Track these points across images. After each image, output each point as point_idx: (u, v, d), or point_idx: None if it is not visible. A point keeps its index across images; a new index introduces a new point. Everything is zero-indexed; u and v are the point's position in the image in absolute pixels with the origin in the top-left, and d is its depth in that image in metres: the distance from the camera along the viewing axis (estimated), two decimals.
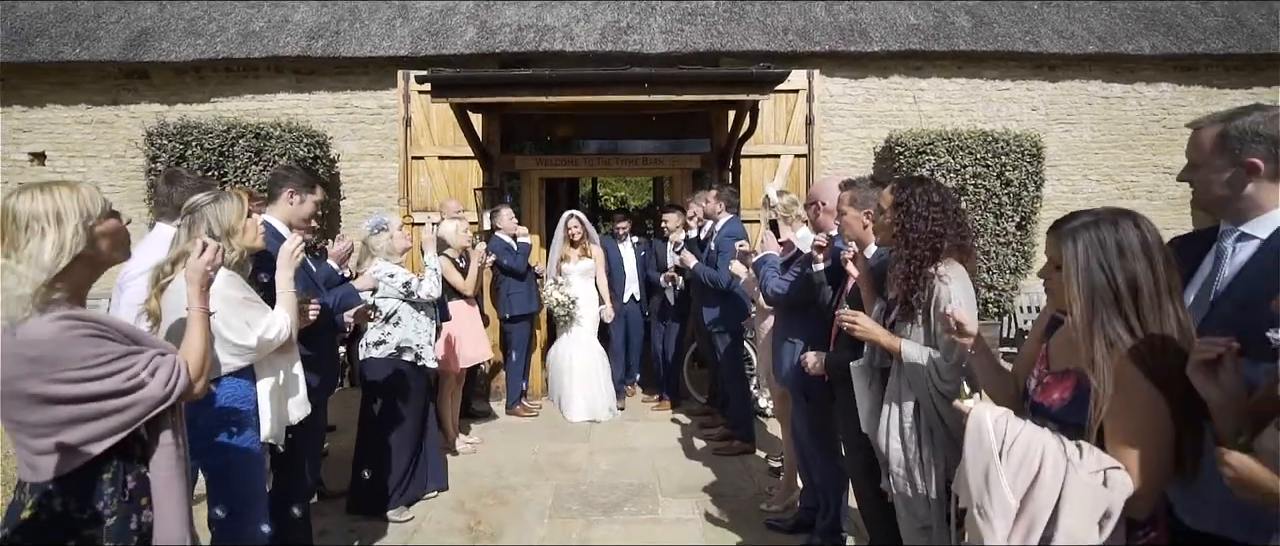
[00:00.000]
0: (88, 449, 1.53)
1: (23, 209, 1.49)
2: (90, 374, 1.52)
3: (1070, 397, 1.53)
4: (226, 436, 2.34)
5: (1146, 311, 1.44)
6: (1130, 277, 1.44)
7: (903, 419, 2.07)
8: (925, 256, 2.15)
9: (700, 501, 3.97)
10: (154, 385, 1.60)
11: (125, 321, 1.71)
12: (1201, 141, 1.66)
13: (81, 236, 1.52)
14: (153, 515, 1.64)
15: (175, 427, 1.72)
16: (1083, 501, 1.35)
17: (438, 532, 3.64)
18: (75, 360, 1.50)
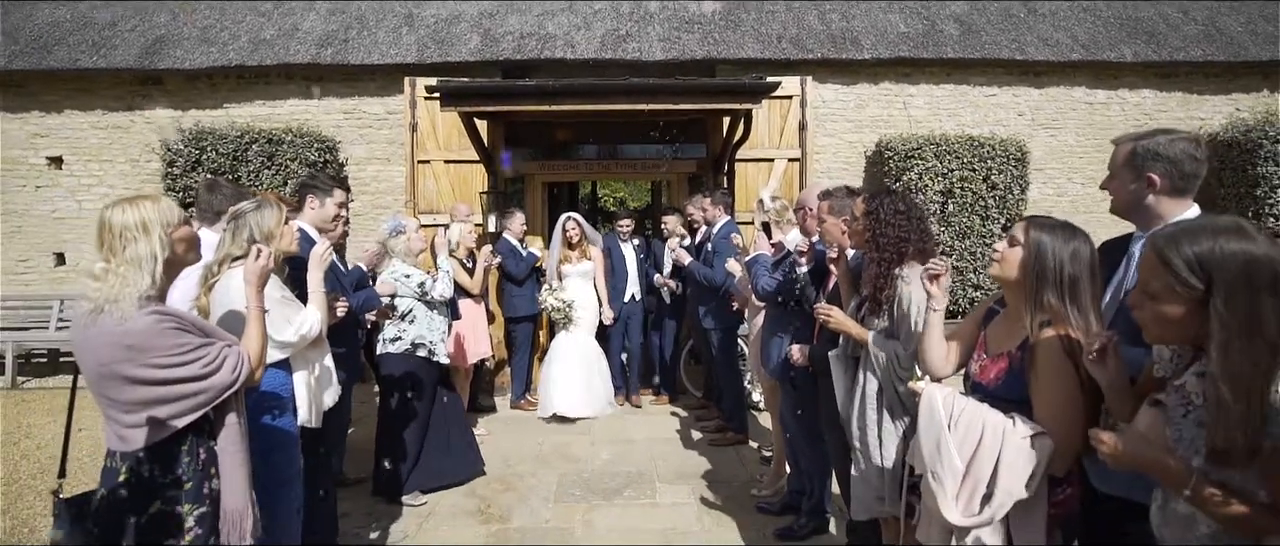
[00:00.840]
0: (172, 424, 1.80)
1: (117, 220, 1.75)
2: (174, 361, 1.78)
3: (1004, 376, 1.80)
4: (269, 419, 2.59)
5: (1075, 305, 1.72)
6: (1073, 277, 1.74)
7: (866, 399, 2.35)
8: (892, 259, 2.43)
9: (695, 487, 4.23)
10: (223, 372, 1.87)
11: (198, 316, 1.97)
12: (1116, 156, 1.95)
13: (165, 243, 1.79)
14: (221, 483, 1.91)
15: (238, 410, 1.99)
16: (1016, 462, 1.63)
17: (450, 515, 3.90)
18: (163, 349, 1.77)
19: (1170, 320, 1.34)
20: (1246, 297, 1.23)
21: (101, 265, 1.74)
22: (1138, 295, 1.43)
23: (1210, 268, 1.27)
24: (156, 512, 1.77)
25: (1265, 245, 1.28)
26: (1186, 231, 1.36)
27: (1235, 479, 1.25)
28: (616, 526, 3.75)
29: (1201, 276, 1.28)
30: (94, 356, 1.75)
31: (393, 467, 4.09)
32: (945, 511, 1.66)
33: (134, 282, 1.71)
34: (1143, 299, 1.40)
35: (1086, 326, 1.69)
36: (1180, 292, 1.30)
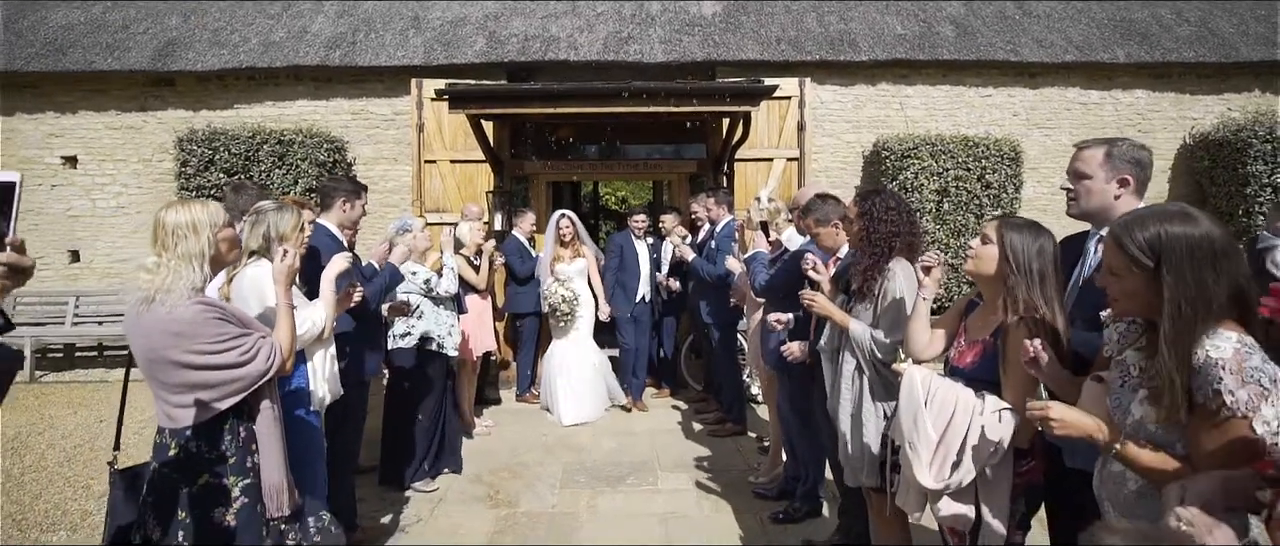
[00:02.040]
0: (215, 405, 1.98)
1: (170, 220, 1.92)
2: (216, 348, 1.96)
3: (979, 360, 1.98)
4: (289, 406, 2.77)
5: (1041, 295, 1.89)
6: (1040, 271, 1.91)
7: (844, 380, 2.52)
8: (885, 252, 2.60)
9: (695, 475, 4.41)
10: (258, 361, 2.05)
11: (238, 309, 2.14)
12: (1091, 157, 2.12)
13: (212, 242, 1.96)
14: (260, 458, 2.08)
15: (272, 396, 2.17)
16: (983, 435, 1.80)
17: (460, 500, 4.08)
18: (206, 336, 1.94)
19: (1132, 295, 1.50)
20: (1191, 271, 1.39)
21: (153, 259, 1.92)
22: (1105, 276, 1.59)
23: (1159, 248, 1.43)
24: (205, 484, 1.95)
25: (1206, 226, 1.45)
26: (1137, 219, 1.52)
27: (1159, 435, 1.42)
28: (620, 510, 3.92)
29: (1151, 256, 1.44)
30: (146, 341, 1.93)
31: (401, 455, 4.27)
32: (919, 476, 1.83)
33: (184, 276, 1.89)
34: (1109, 279, 1.57)
35: (1052, 314, 1.86)
36: (1136, 272, 1.47)
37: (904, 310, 2.41)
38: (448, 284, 4.38)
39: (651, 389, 6.37)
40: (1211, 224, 1.47)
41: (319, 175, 7.38)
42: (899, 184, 7.72)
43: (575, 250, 5.87)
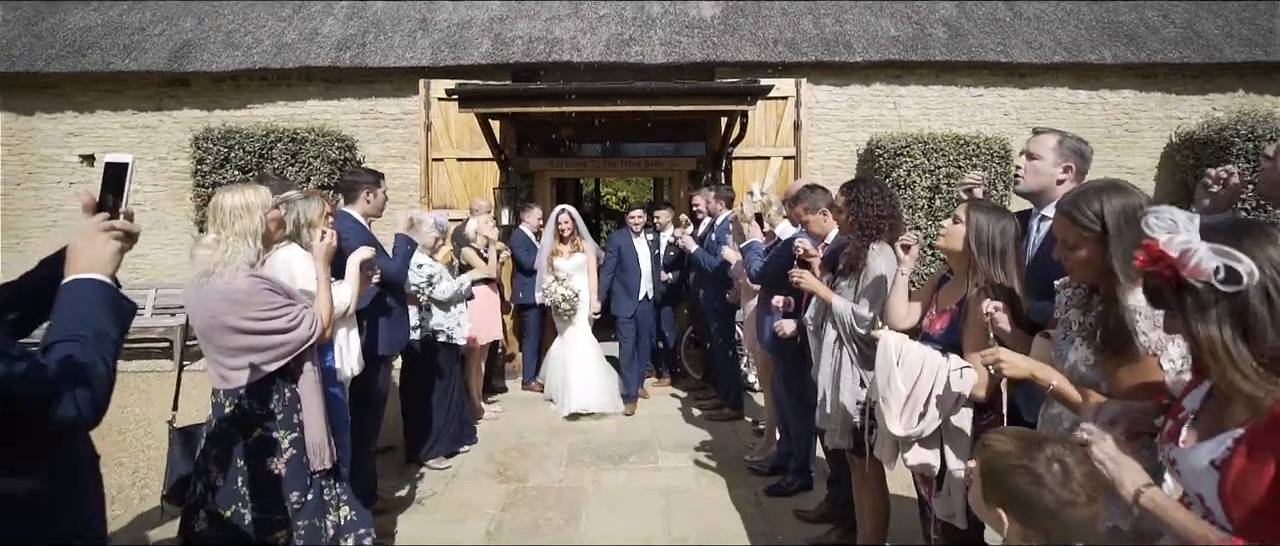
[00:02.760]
0: (264, 368, 2.22)
1: (227, 203, 2.17)
2: (266, 315, 2.20)
3: (946, 327, 2.22)
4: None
5: (1002, 267, 2.13)
6: (1002, 247, 2.15)
7: (827, 348, 2.77)
8: (871, 234, 2.84)
9: (694, 455, 4.65)
10: (302, 329, 2.29)
11: (284, 282, 2.38)
12: (1045, 141, 2.37)
13: (263, 221, 2.21)
14: (304, 417, 2.33)
15: (314, 361, 2.41)
16: (946, 389, 2.04)
17: (473, 476, 4.33)
18: (258, 304, 2.19)
19: (1085, 261, 1.72)
20: (1131, 231, 1.62)
21: (212, 236, 2.16)
22: (1061, 250, 1.82)
23: (1103, 215, 1.66)
24: (258, 437, 2.19)
25: (1135, 195, 1.68)
26: (1082, 194, 1.76)
27: (1089, 377, 1.66)
28: (622, 485, 4.17)
29: (1099, 223, 1.67)
30: (206, 309, 2.17)
31: (419, 436, 4.51)
32: (891, 425, 2.08)
33: (241, 251, 2.13)
34: (1065, 252, 1.80)
35: (1013, 286, 2.10)
36: (1086, 237, 1.70)
37: (884, 287, 2.65)
38: (443, 290, 4.55)
39: (651, 378, 6.60)
40: (1138, 193, 1.71)
41: (331, 173, 7.63)
42: (892, 181, 7.95)
43: (575, 245, 5.91)
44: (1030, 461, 1.23)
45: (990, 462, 1.31)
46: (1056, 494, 1.20)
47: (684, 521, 3.66)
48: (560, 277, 5.76)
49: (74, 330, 1.16)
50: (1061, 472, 1.21)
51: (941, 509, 2.12)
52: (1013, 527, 1.27)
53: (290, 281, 2.72)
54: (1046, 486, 1.20)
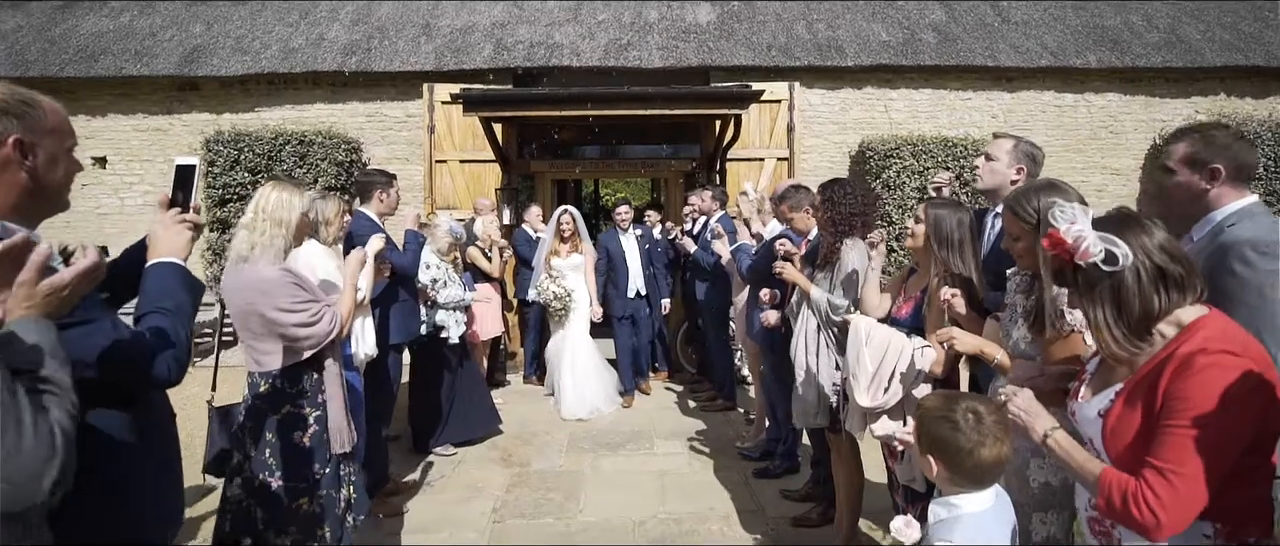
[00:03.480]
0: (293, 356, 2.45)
1: (271, 198, 2.40)
2: (291, 307, 2.43)
3: (912, 312, 2.46)
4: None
5: (959, 257, 2.37)
6: (960, 240, 2.39)
7: (807, 335, 3.01)
8: (845, 230, 3.08)
9: (688, 442, 4.89)
10: (323, 324, 2.51)
11: (309, 279, 2.61)
12: (1002, 145, 2.61)
13: (298, 220, 2.44)
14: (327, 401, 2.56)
15: (335, 355, 2.64)
16: (908, 366, 2.28)
17: (478, 462, 4.56)
18: (284, 295, 2.41)
19: (1025, 251, 1.95)
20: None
21: (250, 217, 2.40)
22: (1008, 241, 2.06)
23: (1038, 210, 1.89)
24: (288, 413, 2.43)
25: (1072, 193, 1.92)
26: (1023, 192, 1.99)
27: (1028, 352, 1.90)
28: (620, 469, 4.41)
29: (1034, 216, 1.91)
30: (241, 297, 2.40)
31: (426, 425, 4.75)
32: (859, 398, 2.32)
33: (274, 241, 2.37)
34: (1011, 242, 2.03)
35: (970, 274, 2.35)
36: (1026, 229, 1.93)
37: (856, 278, 2.89)
38: (447, 295, 4.77)
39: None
40: (1072, 192, 1.95)
41: (338, 174, 7.86)
42: (882, 182, 8.21)
43: (574, 245, 5.94)
44: (949, 411, 1.47)
45: (922, 417, 1.55)
46: (969, 436, 1.43)
47: (677, 500, 3.90)
48: (553, 276, 5.79)
49: (159, 304, 1.40)
50: (974, 419, 1.45)
51: (903, 474, 2.36)
52: (941, 473, 1.50)
53: (311, 273, 2.96)
54: (961, 430, 1.44)
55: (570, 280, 5.82)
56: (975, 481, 1.49)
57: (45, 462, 0.95)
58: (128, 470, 1.39)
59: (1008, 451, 1.45)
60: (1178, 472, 1.24)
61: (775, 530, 3.52)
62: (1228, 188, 1.87)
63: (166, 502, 1.55)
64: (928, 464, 1.53)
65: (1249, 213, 1.85)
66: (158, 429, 1.50)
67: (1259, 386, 1.22)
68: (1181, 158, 1.91)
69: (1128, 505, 1.28)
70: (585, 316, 5.91)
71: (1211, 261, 1.79)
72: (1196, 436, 1.24)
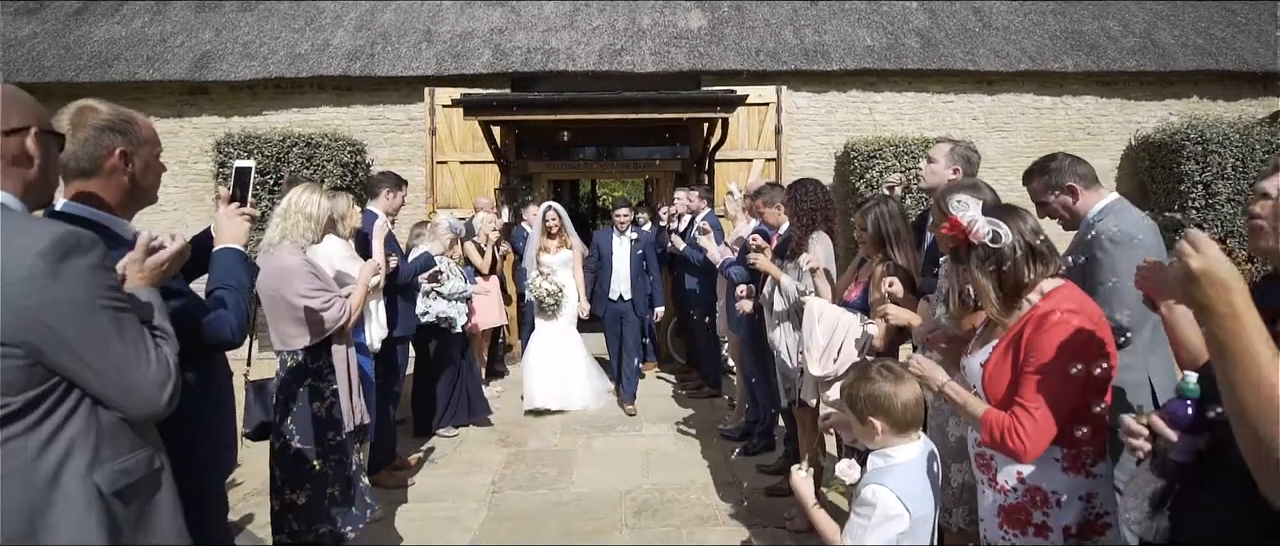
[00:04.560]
0: (317, 335, 2.79)
1: (300, 199, 2.74)
2: (306, 293, 2.77)
3: (860, 295, 2.81)
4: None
5: (897, 248, 2.72)
6: (895, 231, 2.74)
7: (777, 316, 3.36)
8: (807, 225, 3.42)
9: (674, 425, 5.23)
10: (333, 312, 2.85)
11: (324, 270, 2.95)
12: (940, 148, 2.96)
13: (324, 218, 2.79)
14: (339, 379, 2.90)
15: (347, 342, 2.98)
16: (853, 342, 2.62)
17: (478, 443, 4.91)
18: (301, 281, 2.76)
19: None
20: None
21: (283, 208, 2.74)
22: (936, 231, 2.40)
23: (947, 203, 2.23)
24: (311, 384, 2.77)
25: (988, 193, 2.25)
26: (948, 189, 2.33)
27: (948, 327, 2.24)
28: (610, 448, 4.76)
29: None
30: (269, 282, 2.74)
31: (429, 410, 5.09)
32: (812, 368, 2.67)
33: (300, 232, 2.71)
34: (939, 233, 2.37)
35: (905, 260, 2.69)
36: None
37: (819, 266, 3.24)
38: (453, 287, 5.11)
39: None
40: (988, 191, 2.29)
41: (343, 175, 8.19)
42: (866, 182, 8.54)
43: (562, 241, 5.96)
44: (866, 373, 1.80)
45: (849, 392, 1.85)
46: (889, 382, 1.75)
47: (661, 474, 4.24)
48: (545, 272, 5.83)
49: (226, 282, 1.74)
50: (887, 370, 1.78)
51: (849, 437, 2.70)
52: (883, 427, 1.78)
53: (328, 265, 3.30)
54: (879, 381, 1.76)
55: (560, 276, 5.86)
56: (908, 425, 1.78)
57: (164, 383, 1.29)
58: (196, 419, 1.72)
59: (919, 389, 1.77)
60: (1035, 409, 1.58)
61: (749, 499, 3.86)
62: (1087, 194, 2.24)
63: (224, 450, 1.89)
64: (870, 429, 1.81)
65: (1111, 209, 2.21)
66: (220, 385, 1.83)
67: (1089, 339, 1.56)
68: (1041, 190, 2.29)
69: (1004, 438, 1.61)
70: (573, 312, 5.94)
71: (1084, 249, 2.15)
72: (1045, 379, 1.58)
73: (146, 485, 1.33)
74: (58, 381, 1.19)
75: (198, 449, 1.67)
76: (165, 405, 1.30)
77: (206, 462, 1.73)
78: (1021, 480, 1.68)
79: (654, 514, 3.72)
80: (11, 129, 1.27)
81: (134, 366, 1.24)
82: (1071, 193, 2.30)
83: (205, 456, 1.72)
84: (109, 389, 1.23)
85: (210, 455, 1.76)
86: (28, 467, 1.15)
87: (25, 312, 1.13)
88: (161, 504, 1.37)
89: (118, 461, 1.26)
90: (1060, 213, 2.34)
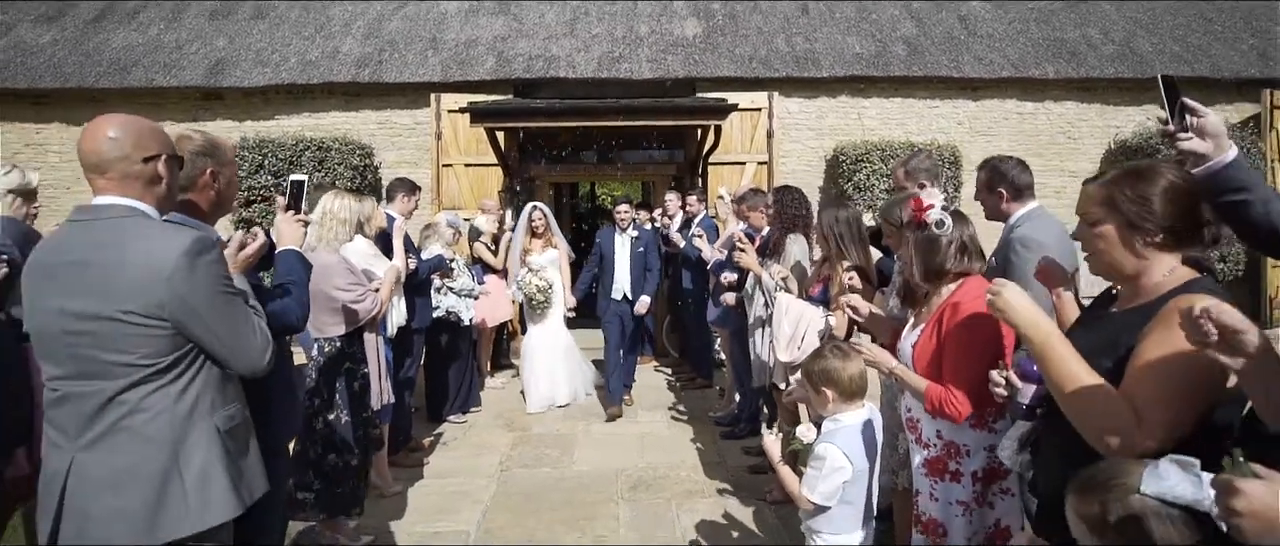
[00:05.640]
0: (351, 324, 3.17)
1: (333, 204, 3.13)
2: (342, 286, 3.15)
3: (821, 290, 3.19)
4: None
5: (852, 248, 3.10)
6: (844, 232, 3.12)
7: (757, 309, 3.75)
8: (789, 227, 3.81)
9: (668, 413, 5.62)
10: (366, 304, 3.24)
11: (357, 267, 3.33)
12: (901, 169, 3.33)
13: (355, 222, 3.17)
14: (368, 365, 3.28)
15: (376, 329, 3.36)
16: (815, 331, 3.00)
17: (485, 427, 5.30)
18: (339, 276, 3.14)
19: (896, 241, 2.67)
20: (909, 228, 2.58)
21: (318, 215, 3.12)
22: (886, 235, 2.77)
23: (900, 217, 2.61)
24: (347, 367, 3.15)
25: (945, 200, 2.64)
26: (890, 202, 2.72)
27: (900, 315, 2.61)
28: (607, 432, 5.16)
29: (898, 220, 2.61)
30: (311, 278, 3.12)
31: (440, 396, 5.47)
32: (780, 354, 3.05)
33: (336, 234, 3.09)
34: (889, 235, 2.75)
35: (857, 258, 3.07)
36: (892, 230, 2.64)
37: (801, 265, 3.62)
38: (463, 283, 5.49)
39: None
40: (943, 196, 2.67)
41: (353, 177, 8.57)
42: (853, 184, 8.92)
43: (547, 241, 5.97)
44: (820, 354, 2.19)
45: (805, 371, 2.25)
46: (837, 359, 2.13)
47: (654, 454, 4.63)
48: (534, 269, 5.84)
49: (288, 277, 2.11)
50: (837, 350, 2.16)
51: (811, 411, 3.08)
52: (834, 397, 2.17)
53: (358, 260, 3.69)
54: (827, 358, 2.15)
55: (548, 274, 5.87)
56: (853, 394, 2.17)
57: (264, 348, 1.67)
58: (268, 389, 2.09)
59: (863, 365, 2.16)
60: (958, 380, 1.96)
61: (734, 476, 4.24)
62: (1014, 202, 2.62)
63: (290, 416, 2.27)
64: (822, 398, 2.21)
65: (1029, 216, 2.59)
66: (286, 362, 2.21)
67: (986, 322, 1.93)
68: (982, 183, 2.66)
69: (942, 406, 1.99)
70: (561, 311, 5.97)
71: (1003, 250, 2.53)
72: (960, 356, 1.96)
73: (243, 430, 1.72)
74: (190, 347, 1.58)
75: (271, 412, 2.04)
76: (265, 365, 1.68)
77: (277, 424, 2.11)
78: (940, 437, 2.06)
79: (647, 488, 4.10)
80: (149, 156, 1.65)
81: (244, 335, 1.63)
82: (1000, 196, 2.68)
83: (276, 418, 2.09)
84: (227, 352, 1.62)
85: (279, 418, 2.13)
86: (172, 407, 1.54)
87: (174, 296, 1.51)
88: (251, 447, 1.76)
89: (227, 408, 1.66)
90: (989, 206, 2.73)
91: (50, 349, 1.54)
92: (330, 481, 3.06)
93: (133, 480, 1.50)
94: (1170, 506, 0.95)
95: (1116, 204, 1.41)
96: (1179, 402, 1.18)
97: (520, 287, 5.81)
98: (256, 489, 1.72)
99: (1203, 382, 1.17)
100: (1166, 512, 0.95)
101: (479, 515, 3.78)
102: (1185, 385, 1.18)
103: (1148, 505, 0.96)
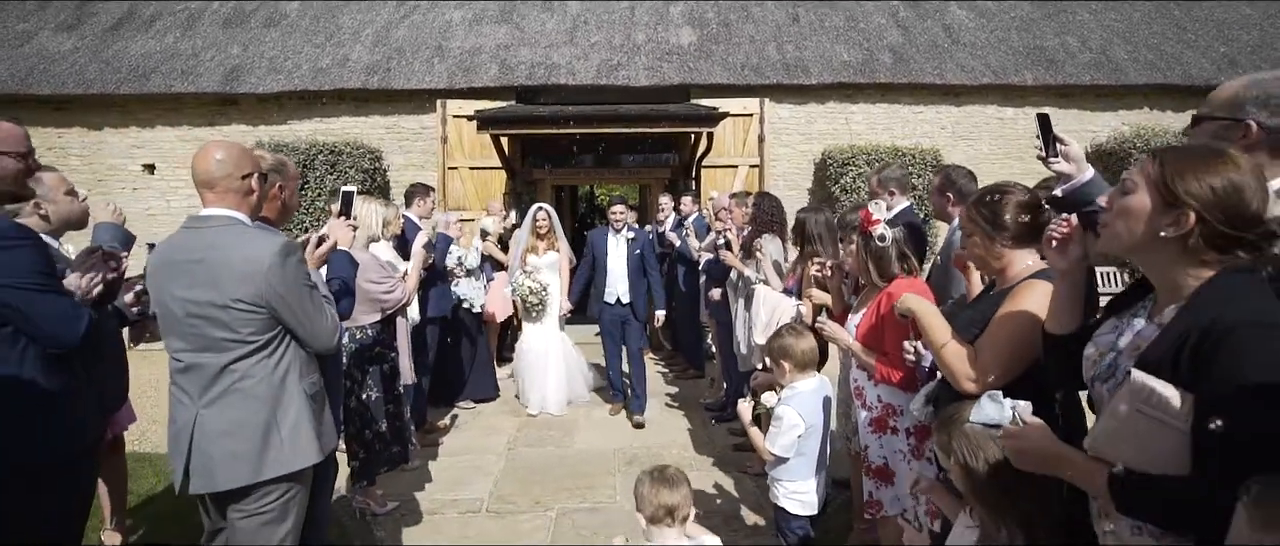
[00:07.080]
0: (375, 315, 3.61)
1: (367, 209, 3.56)
2: (377, 279, 3.59)
3: (795, 283, 3.63)
4: None
5: (822, 246, 3.54)
6: (819, 232, 3.56)
7: (738, 302, 4.19)
8: (763, 229, 4.25)
9: (661, 400, 6.05)
10: (397, 294, 3.67)
11: (386, 260, 3.77)
12: (875, 177, 3.77)
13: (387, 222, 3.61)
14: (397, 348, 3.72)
15: (406, 316, 3.80)
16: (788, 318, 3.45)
17: (493, 413, 5.73)
18: (373, 271, 3.57)
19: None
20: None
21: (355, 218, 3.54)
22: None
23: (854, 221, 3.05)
24: (377, 352, 3.59)
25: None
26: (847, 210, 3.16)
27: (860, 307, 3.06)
28: (605, 417, 5.60)
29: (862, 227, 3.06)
30: None
31: (451, 382, 5.90)
32: (756, 338, 3.49)
33: (372, 233, 3.53)
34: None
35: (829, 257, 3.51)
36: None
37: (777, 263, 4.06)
38: (473, 259, 5.96)
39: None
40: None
41: (363, 180, 8.99)
42: (841, 187, 9.36)
43: (550, 242, 5.92)
44: (780, 333, 2.63)
45: (768, 347, 2.69)
46: (789, 337, 2.58)
47: (649, 436, 5.07)
48: (529, 271, 5.80)
49: (340, 274, 2.55)
50: (791, 329, 2.61)
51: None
52: (791, 368, 2.62)
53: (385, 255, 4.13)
54: (784, 336, 2.60)
55: (544, 276, 5.82)
56: (806, 365, 2.62)
57: (334, 331, 2.11)
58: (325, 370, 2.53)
59: (814, 342, 2.61)
60: (894, 354, 2.40)
61: (720, 453, 4.68)
62: (958, 205, 3.05)
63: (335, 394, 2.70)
64: (781, 369, 2.67)
65: None
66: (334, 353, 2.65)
67: None
68: (935, 187, 3.10)
69: (887, 376, 2.44)
70: (557, 314, 5.88)
71: (946, 250, 2.98)
72: (895, 333, 2.40)
73: (321, 395, 2.17)
74: (279, 328, 2.01)
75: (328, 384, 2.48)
76: (336, 345, 2.12)
77: (333, 393, 2.54)
78: (879, 399, 2.50)
79: (641, 464, 4.51)
80: (246, 173, 2.08)
81: (320, 320, 2.07)
82: (948, 199, 3.10)
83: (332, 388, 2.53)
84: (306, 333, 2.05)
85: (334, 389, 2.57)
86: (270, 375, 1.98)
87: (270, 287, 1.95)
88: (326, 410, 2.20)
89: (310, 377, 2.10)
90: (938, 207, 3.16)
91: (175, 328, 1.98)
92: (372, 451, 3.51)
93: (243, 430, 1.94)
94: (990, 427, 1.38)
95: (976, 220, 1.85)
96: (1007, 352, 1.63)
97: (515, 289, 5.85)
98: (330, 443, 2.16)
99: (1027, 340, 1.61)
100: (971, 430, 1.38)
101: (491, 485, 4.22)
102: (1013, 341, 1.62)
103: (967, 429, 1.40)
